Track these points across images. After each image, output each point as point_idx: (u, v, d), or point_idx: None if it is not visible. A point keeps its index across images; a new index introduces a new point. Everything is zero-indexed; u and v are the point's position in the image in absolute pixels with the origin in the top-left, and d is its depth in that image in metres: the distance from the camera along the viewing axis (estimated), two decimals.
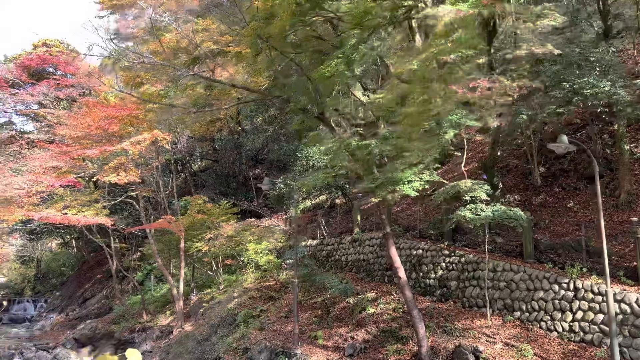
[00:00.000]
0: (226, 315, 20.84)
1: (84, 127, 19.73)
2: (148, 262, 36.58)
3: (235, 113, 34.30)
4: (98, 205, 21.28)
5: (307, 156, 25.99)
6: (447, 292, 16.37)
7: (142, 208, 23.52)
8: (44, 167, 20.39)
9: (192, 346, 20.19)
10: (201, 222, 23.58)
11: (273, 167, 41.43)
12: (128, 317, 28.86)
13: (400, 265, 13.94)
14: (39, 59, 31.87)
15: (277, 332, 17.39)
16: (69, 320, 37.15)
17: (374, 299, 17.33)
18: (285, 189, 24.99)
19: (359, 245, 21.08)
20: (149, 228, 22.41)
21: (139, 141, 19.45)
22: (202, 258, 26.43)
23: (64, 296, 42.63)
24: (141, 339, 25.35)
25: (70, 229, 41.20)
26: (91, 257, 45.29)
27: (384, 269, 19.15)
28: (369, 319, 16.37)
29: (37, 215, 18.34)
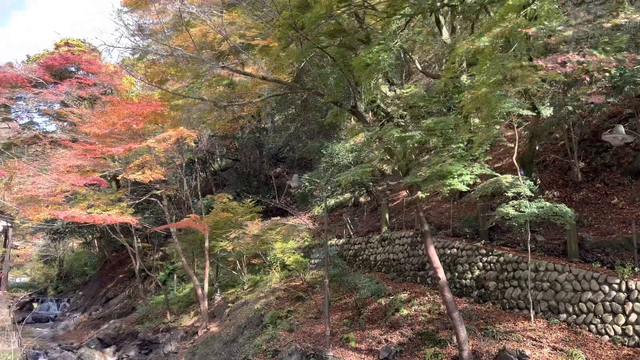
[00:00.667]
0: (253, 316, 20.38)
1: (108, 124, 19.44)
2: (170, 262, 36.43)
3: (256, 112, 33.88)
4: (122, 204, 20.99)
5: (331, 153, 25.46)
6: (486, 293, 15.66)
7: (166, 207, 23.19)
8: (68, 165, 20.16)
9: (218, 347, 19.77)
10: (225, 221, 23.19)
11: (294, 166, 40.97)
12: (152, 317, 28.64)
13: (439, 266, 13.32)
14: (62, 58, 31.84)
15: (307, 334, 16.85)
16: (92, 320, 37.17)
17: (407, 300, 16.69)
18: (310, 186, 24.48)
19: (388, 244, 20.44)
20: (174, 227, 22.06)
21: (164, 138, 19.08)
22: (227, 257, 26.05)
23: (86, 296, 42.74)
24: (165, 339, 25.06)
25: (92, 229, 41.27)
26: (113, 256, 45.38)
27: (416, 268, 18.49)
28: (403, 321, 15.74)
29: (63, 214, 18.09)
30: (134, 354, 26.55)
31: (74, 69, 33.79)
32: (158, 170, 19.74)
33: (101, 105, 24.89)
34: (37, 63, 32.73)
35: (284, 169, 42.22)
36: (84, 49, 33.85)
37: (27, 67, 31.83)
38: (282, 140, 36.12)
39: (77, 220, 18.40)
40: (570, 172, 17.95)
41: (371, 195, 27.74)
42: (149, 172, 19.14)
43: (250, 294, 23.24)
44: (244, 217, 23.81)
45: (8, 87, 29.11)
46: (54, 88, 30.08)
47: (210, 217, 22.24)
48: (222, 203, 22.85)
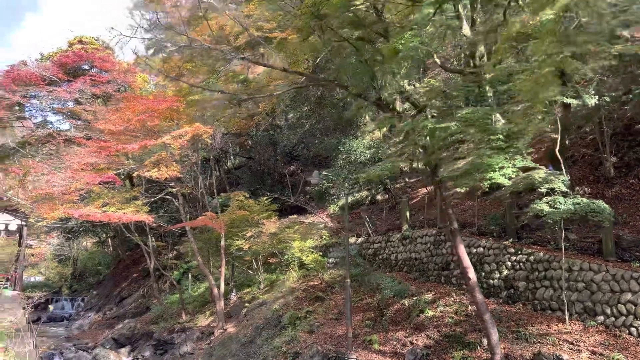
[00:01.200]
0: (271, 316, 19.89)
1: (123, 121, 19.06)
2: (184, 261, 36.11)
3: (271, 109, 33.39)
4: (138, 203, 20.60)
5: (349, 150, 24.91)
6: (515, 293, 15.01)
7: (181, 205, 22.78)
8: (82, 163, 19.82)
9: (235, 349, 19.31)
10: (241, 220, 22.74)
11: (309, 164, 40.47)
12: (167, 317, 28.27)
13: (469, 265, 12.70)
14: (75, 56, 31.61)
15: (328, 336, 16.32)
16: (107, 320, 36.96)
17: (432, 301, 16.08)
18: (328, 184, 23.95)
19: (409, 243, 19.84)
20: (191, 226, 21.64)
21: (180, 135, 18.65)
22: (243, 257, 25.62)
23: (100, 295, 42.60)
24: (181, 339, 24.65)
25: (106, 228, 41.10)
26: (127, 255, 45.21)
27: (440, 268, 17.87)
28: (429, 323, 15.14)
29: (77, 213, 17.72)
30: (149, 354, 26.20)
31: (87, 66, 33.57)
32: (174, 168, 19.32)
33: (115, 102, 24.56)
34: (50, 61, 32.55)
35: (298, 167, 41.74)
36: (97, 47, 33.60)
37: (41, 65, 31.67)
38: (297, 138, 35.64)
39: (92, 218, 18.03)
40: (602, 168, 17.22)
41: (389, 193, 27.13)
42: (164, 169, 18.71)
43: (268, 294, 22.77)
44: (260, 215, 23.34)
45: (22, 85, 28.95)
46: (67, 86, 29.83)
47: (226, 215, 21.79)
48: (238, 201, 22.39)
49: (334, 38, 12.28)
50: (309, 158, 39.95)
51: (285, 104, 33.06)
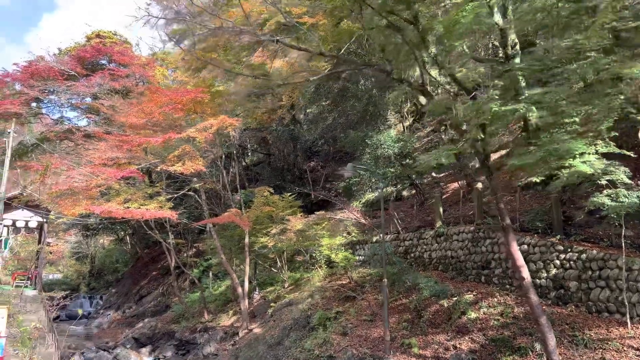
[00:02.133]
0: (299, 316, 19.07)
1: (145, 114, 18.35)
2: (204, 259, 35.48)
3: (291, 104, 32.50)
4: (161, 198, 19.90)
5: (376, 143, 23.94)
6: (566, 294, 13.96)
7: (204, 201, 22.04)
8: (103, 158, 19.16)
9: (263, 350, 18.52)
10: (265, 216, 21.95)
11: (329, 159, 39.62)
12: (188, 316, 27.63)
13: (523, 264, 11.70)
14: (94, 50, 31.04)
15: (363, 338, 15.43)
16: (126, 318, 36.51)
17: (473, 302, 15.10)
18: (355, 178, 23.03)
19: (444, 241, 18.85)
20: (216, 222, 20.89)
21: (205, 128, 17.87)
22: (267, 254, 24.86)
23: (119, 293, 42.21)
24: (204, 340, 23.96)
25: (125, 225, 40.65)
26: (145, 253, 44.77)
27: (479, 267, 16.86)
28: (472, 325, 14.18)
29: (99, 209, 17.05)
30: (170, 354, 25.57)
31: (105, 61, 33.01)
32: (199, 162, 18.56)
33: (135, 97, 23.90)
34: (68, 56, 32.06)
35: (318, 163, 40.89)
36: (115, 41, 33.05)
37: (59, 59, 31.18)
38: (318, 133, 34.74)
39: (115, 215, 17.37)
40: None
41: (417, 189, 26.13)
42: (189, 163, 17.96)
43: (293, 293, 21.95)
44: (285, 211, 22.53)
45: (40, 80, 28.45)
46: (85, 80, 29.29)
47: (251, 211, 21.00)
48: (262, 197, 21.57)
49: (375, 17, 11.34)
50: (330, 153, 39.10)
51: (306, 98, 32.15)
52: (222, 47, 17.80)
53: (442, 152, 10.32)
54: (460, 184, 23.71)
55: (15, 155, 33.34)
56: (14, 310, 15.73)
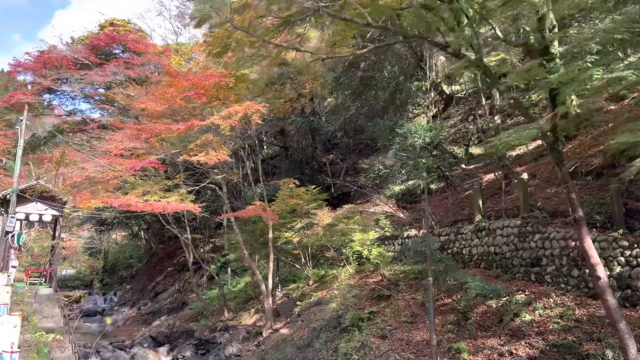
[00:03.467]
0: (329, 317, 17.86)
1: (166, 99, 17.18)
2: (221, 254, 34.42)
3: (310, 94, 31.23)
4: (182, 191, 18.75)
5: (406, 133, 22.61)
6: (634, 294, 12.60)
7: (225, 194, 20.88)
8: (120, 148, 18.06)
9: (291, 353, 17.34)
10: (290, 210, 20.76)
11: (350, 152, 38.33)
12: (207, 314, 26.55)
13: (599, 262, 10.32)
14: (108, 38, 29.93)
15: (405, 342, 14.17)
16: (142, 315, 35.58)
17: (526, 303, 13.76)
18: (386, 170, 21.74)
19: (486, 236, 17.50)
20: (240, 216, 19.72)
21: (230, 114, 16.65)
22: (290, 250, 23.69)
23: (134, 290, 41.30)
24: (225, 339, 22.84)
25: (139, 220, 39.70)
26: (160, 249, 43.83)
27: (528, 264, 15.50)
28: (528, 329, 12.86)
29: (118, 202, 15.95)
30: (189, 354, 24.51)
31: (119, 51, 31.92)
32: (224, 151, 17.35)
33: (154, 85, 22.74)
34: (81, 44, 31.01)
35: (337, 156, 39.63)
36: (129, 29, 31.95)
37: (72, 47, 30.12)
38: (339, 124, 33.42)
39: (134, 208, 16.26)
40: None
41: (447, 181, 24.77)
42: (213, 153, 16.77)
43: (320, 291, 20.75)
44: (310, 205, 21.32)
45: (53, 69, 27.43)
46: (99, 69, 28.22)
47: (276, 204, 19.79)
48: (288, 189, 20.34)
49: None
50: (350, 146, 37.81)
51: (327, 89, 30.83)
52: (246, 28, 16.55)
53: (524, 131, 8.99)
54: (498, 175, 22.35)
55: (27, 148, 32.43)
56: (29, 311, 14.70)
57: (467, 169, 27.30)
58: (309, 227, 20.78)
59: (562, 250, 14.59)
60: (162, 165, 17.81)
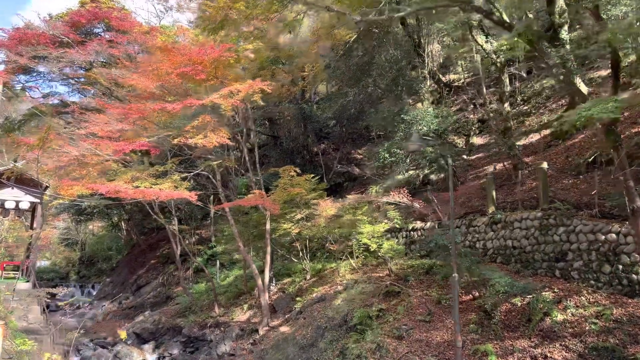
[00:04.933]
0: (333, 314, 16.65)
1: (159, 76, 15.59)
2: (208, 246, 32.92)
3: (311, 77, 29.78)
4: (175, 177, 17.23)
5: (412, 120, 21.45)
6: None
7: (219, 182, 19.44)
8: (107, 130, 16.43)
9: (293, 353, 16.10)
10: (287, 200, 19.44)
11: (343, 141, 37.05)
12: (195, 310, 25.09)
13: None
14: (90, 14, 27.90)
15: (424, 343, 13.03)
16: (123, 310, 33.87)
17: (556, 301, 12.73)
18: (391, 158, 20.56)
19: (502, 229, 16.47)
20: (243, 205, 18.30)
21: (231, 93, 15.19)
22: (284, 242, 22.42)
23: (115, 283, 39.47)
24: (216, 337, 21.46)
25: (120, 210, 37.81)
26: (142, 240, 42.00)
27: (552, 259, 14.49)
28: (561, 329, 11.83)
29: (104, 189, 14.39)
30: (177, 352, 23.03)
31: (101, 29, 29.89)
32: (224, 133, 15.88)
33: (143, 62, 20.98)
34: (61, 21, 28.91)
35: (329, 145, 38.34)
36: (112, 6, 29.93)
37: (51, 24, 27.98)
38: (333, 112, 32.06)
39: (123, 195, 14.72)
40: None
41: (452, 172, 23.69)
42: (212, 135, 15.29)
43: (322, 286, 19.51)
44: (310, 195, 20.03)
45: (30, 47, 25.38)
46: (81, 48, 26.23)
47: (277, 193, 18.42)
48: (288, 177, 18.97)
49: None
50: (343, 135, 36.55)
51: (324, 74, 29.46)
52: None
53: (606, 103, 7.81)
54: (506, 165, 21.38)
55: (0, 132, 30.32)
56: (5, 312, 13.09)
57: (468, 160, 26.34)
58: (309, 218, 19.51)
59: (590, 244, 13.59)
60: (154, 149, 16.28)
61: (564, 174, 18.08)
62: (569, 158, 19.16)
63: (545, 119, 25.56)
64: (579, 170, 17.59)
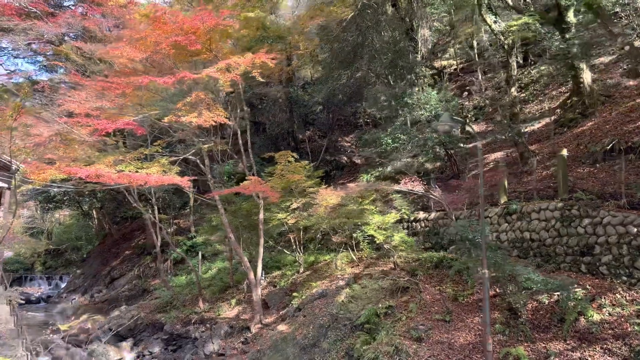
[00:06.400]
0: (337, 311, 15.35)
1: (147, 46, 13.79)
2: (187, 237, 31.18)
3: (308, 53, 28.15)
4: (162, 161, 15.52)
5: (416, 103, 20.20)
6: None
7: (208, 168, 17.82)
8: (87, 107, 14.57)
9: (293, 354, 14.75)
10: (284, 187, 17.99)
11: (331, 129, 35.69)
12: (177, 305, 23.41)
13: None
14: None
15: (446, 346, 11.84)
16: (95, 304, 31.86)
17: (589, 299, 11.72)
18: (395, 144, 19.28)
19: (518, 220, 15.42)
20: (242, 192, 16.70)
21: (229, 67, 13.56)
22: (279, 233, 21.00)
23: (86, 275, 37.23)
24: (202, 335, 19.97)
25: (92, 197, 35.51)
26: (115, 230, 39.77)
27: (577, 253, 13.51)
28: (600, 331, 10.82)
29: (84, 173, 12.63)
30: (158, 350, 21.41)
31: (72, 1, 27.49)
32: (220, 112, 14.23)
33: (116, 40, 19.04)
34: None
35: (315, 132, 36.93)
36: None
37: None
38: (322, 95, 30.54)
39: (106, 180, 12.96)
40: None
41: (451, 159, 22.66)
42: (207, 113, 13.62)
43: (319, 281, 18.18)
44: (307, 182, 18.63)
45: None
46: (51, 20, 23.87)
47: (274, 180, 16.90)
48: (286, 162, 17.45)
49: None
50: (331, 122, 35.17)
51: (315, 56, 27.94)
52: None
53: None
54: (511, 153, 20.43)
55: None
56: None
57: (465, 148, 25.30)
58: (307, 207, 18.12)
59: (620, 237, 12.63)
60: (139, 128, 14.52)
61: (577, 162, 17.18)
62: (580, 146, 18.27)
63: (546, 106, 24.73)
64: (595, 158, 16.69)
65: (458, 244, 13.68)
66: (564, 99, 23.51)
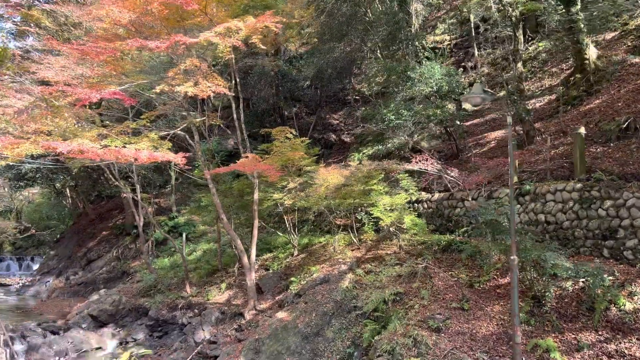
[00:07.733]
0: (342, 298, 14.44)
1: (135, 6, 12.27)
2: (169, 217, 29.78)
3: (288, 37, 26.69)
4: (152, 135, 14.12)
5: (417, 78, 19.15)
6: None
7: (198, 144, 16.50)
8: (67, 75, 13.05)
9: (295, 344, 13.80)
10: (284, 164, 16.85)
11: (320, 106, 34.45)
12: (162, 289, 22.22)
13: None
14: None
15: (468, 337, 11.02)
16: (71, 287, 30.37)
17: (618, 286, 11.03)
18: (397, 120, 18.24)
19: (531, 201, 14.66)
20: (240, 170, 15.43)
21: (229, 31, 12.20)
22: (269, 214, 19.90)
23: (60, 256, 35.47)
24: (192, 321, 18.86)
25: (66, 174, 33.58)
26: (90, 209, 37.95)
27: (599, 236, 12.82)
28: (634, 320, 10.14)
29: (65, 147, 11.20)
30: (142, 336, 20.31)
31: None
32: (219, 81, 12.89)
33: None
34: None
35: (301, 109, 35.60)
36: None
37: None
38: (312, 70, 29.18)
39: (90, 156, 11.53)
40: None
41: (451, 138, 21.80)
42: (205, 82, 12.28)
43: (318, 264, 17.20)
44: (303, 161, 17.50)
45: None
46: None
47: (273, 157, 15.69)
48: (284, 138, 16.25)
49: None
50: (319, 98, 33.90)
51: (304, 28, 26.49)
52: None
53: None
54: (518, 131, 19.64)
55: None
56: None
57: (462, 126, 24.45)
58: (304, 187, 17.02)
59: None
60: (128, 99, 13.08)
61: (589, 142, 16.45)
62: (589, 124, 17.56)
63: (547, 83, 24.00)
64: (608, 137, 15.99)
65: (479, 227, 12.80)
66: (565, 76, 22.79)
